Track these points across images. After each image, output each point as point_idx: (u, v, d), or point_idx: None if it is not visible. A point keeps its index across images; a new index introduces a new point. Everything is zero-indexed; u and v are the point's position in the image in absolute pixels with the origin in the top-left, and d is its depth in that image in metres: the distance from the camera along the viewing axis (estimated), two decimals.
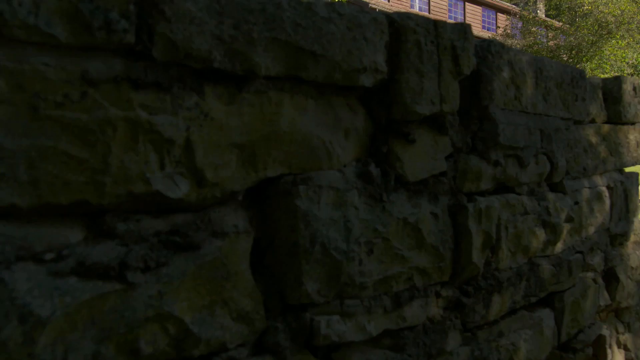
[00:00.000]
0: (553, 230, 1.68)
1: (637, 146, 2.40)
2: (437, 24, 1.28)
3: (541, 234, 1.62)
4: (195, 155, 0.91)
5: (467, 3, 26.14)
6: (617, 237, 2.16)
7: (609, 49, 17.98)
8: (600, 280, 2.02)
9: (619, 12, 16.80)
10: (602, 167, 2.06)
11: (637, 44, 18.07)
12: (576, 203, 1.84)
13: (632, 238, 2.32)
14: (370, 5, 19.66)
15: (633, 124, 2.34)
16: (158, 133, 0.87)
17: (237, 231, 0.99)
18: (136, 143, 0.86)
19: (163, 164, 0.89)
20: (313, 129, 1.07)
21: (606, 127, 2.14)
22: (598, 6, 17.30)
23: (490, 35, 24.42)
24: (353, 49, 1.10)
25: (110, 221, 0.87)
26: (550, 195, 1.71)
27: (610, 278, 2.10)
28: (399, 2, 23.17)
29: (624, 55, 19.00)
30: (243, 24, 0.94)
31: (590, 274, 1.94)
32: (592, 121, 2.06)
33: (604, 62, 18.36)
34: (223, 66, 0.92)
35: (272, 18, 0.98)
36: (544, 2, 32.04)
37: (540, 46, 19.10)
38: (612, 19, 17.00)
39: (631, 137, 2.32)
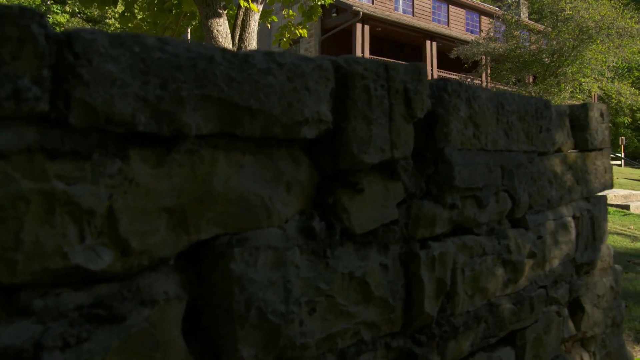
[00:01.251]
0: (514, 269, 1.65)
1: (605, 172, 2.38)
2: (388, 67, 1.24)
3: (501, 274, 1.59)
4: (119, 224, 0.86)
5: (450, 6, 26.24)
6: (583, 267, 2.14)
7: (590, 53, 18.15)
8: (565, 312, 2.00)
9: (599, 17, 16.96)
10: (567, 197, 2.04)
11: (616, 48, 18.25)
12: (539, 237, 1.82)
13: (599, 265, 2.30)
14: (354, 7, 19.64)
15: (601, 149, 2.33)
16: (76, 204, 0.82)
17: (168, 298, 0.94)
18: (52, 216, 0.80)
19: (83, 235, 0.83)
20: (251, 185, 1.02)
21: (573, 155, 2.12)
22: (579, 11, 17.44)
23: (473, 37, 24.53)
24: (294, 101, 1.06)
25: (25, 298, 0.82)
26: (512, 233, 1.68)
27: (575, 308, 2.08)
28: (382, 5, 23.19)
29: (604, 59, 19.20)
30: (171, 83, 0.89)
31: (554, 307, 1.91)
32: (559, 150, 2.04)
33: (584, 67, 18.53)
34: (149, 129, 0.87)
35: (204, 74, 0.93)
36: (526, 5, 32.31)
37: (522, 50, 19.22)
38: (592, 24, 17.15)
39: (599, 163, 2.31)
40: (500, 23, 20.93)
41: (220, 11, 8.08)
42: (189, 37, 10.15)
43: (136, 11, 10.86)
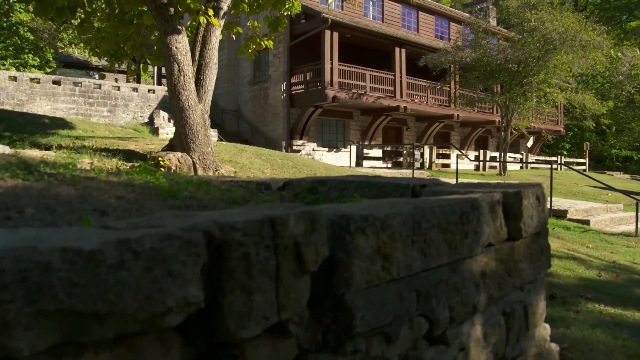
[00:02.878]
0: None
1: (542, 253, 2.31)
2: (275, 223, 1.12)
3: None
4: None
5: (420, 12, 26.36)
6: None
7: (555, 62, 18.41)
8: None
9: (563, 29, 17.20)
10: (498, 295, 1.96)
11: (580, 59, 18.54)
12: (462, 349, 1.72)
13: (533, 351, 2.23)
14: (322, 14, 19.53)
15: (537, 233, 2.25)
16: None
17: None
18: None
19: None
20: None
21: (506, 246, 2.03)
22: (544, 22, 17.67)
23: (443, 44, 24.67)
24: (154, 292, 0.93)
25: None
26: (429, 355, 1.58)
27: None
28: (352, 11, 23.14)
29: (568, 68, 19.49)
30: None
31: None
32: (490, 245, 1.95)
33: (549, 77, 18.79)
34: None
35: (37, 287, 0.79)
36: (495, 11, 32.67)
37: (489, 59, 19.39)
38: (556, 36, 17.39)
39: (534, 246, 2.23)
40: (468, 31, 21.09)
41: (180, 27, 7.87)
42: (154, 48, 9.87)
43: (95, 23, 10.56)
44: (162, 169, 7.08)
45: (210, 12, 7.80)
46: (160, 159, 7.18)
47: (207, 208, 2.17)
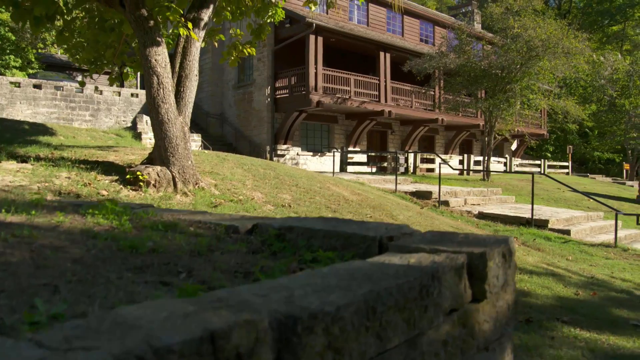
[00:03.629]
0: None
1: (508, 309, 2.29)
2: (215, 338, 1.07)
3: None
4: None
5: (405, 16, 26.43)
6: None
7: (537, 69, 18.56)
8: None
9: (545, 36, 17.33)
10: (460, 359, 1.93)
11: (562, 65, 18.70)
12: None
13: None
14: (307, 19, 19.50)
15: (504, 289, 2.23)
16: None
17: None
18: None
19: None
20: None
21: (470, 308, 2.01)
22: (527, 29, 17.79)
23: (428, 47, 24.76)
24: None
25: None
26: None
27: None
28: (337, 15, 23.12)
29: (551, 75, 19.66)
30: None
31: None
32: (453, 310, 1.92)
33: (532, 83, 18.93)
34: None
35: None
36: (480, 15, 32.86)
37: (473, 65, 19.47)
38: (539, 43, 17.52)
39: (501, 303, 2.21)
40: (453, 36, 21.18)
41: (160, 40, 7.78)
42: (136, 55, 9.76)
43: (75, 31, 10.42)
44: (142, 184, 7.00)
45: (190, 25, 7.71)
46: (139, 173, 7.09)
47: (169, 265, 2.13)
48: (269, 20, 10.82)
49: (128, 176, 7.07)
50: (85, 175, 6.94)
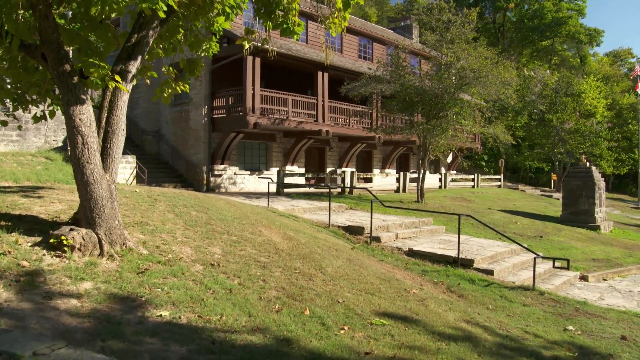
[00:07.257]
0: None
1: None
2: None
3: None
4: None
5: (343, 33, 26.65)
6: None
7: (470, 93, 19.22)
8: None
9: (476, 67, 17.95)
10: None
11: (494, 91, 19.41)
12: None
13: None
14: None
15: None
16: None
17: None
18: None
19: None
20: None
21: None
22: (459, 59, 18.36)
23: (366, 65, 25.09)
24: None
25: None
26: None
27: None
28: (275, 33, 23.04)
29: (482, 100, 20.37)
30: None
31: None
32: None
33: (464, 110, 19.56)
34: None
35: None
36: (418, 29, 33.52)
37: (408, 90, 19.88)
38: (470, 73, 18.12)
39: None
40: (389, 58, 21.55)
41: (84, 97, 7.52)
42: None
43: None
44: (66, 249, 6.81)
45: (118, 77, 7.46)
46: (63, 237, 6.88)
47: None
48: (202, 55, 10.69)
49: (52, 240, 6.86)
50: (6, 239, 6.64)
